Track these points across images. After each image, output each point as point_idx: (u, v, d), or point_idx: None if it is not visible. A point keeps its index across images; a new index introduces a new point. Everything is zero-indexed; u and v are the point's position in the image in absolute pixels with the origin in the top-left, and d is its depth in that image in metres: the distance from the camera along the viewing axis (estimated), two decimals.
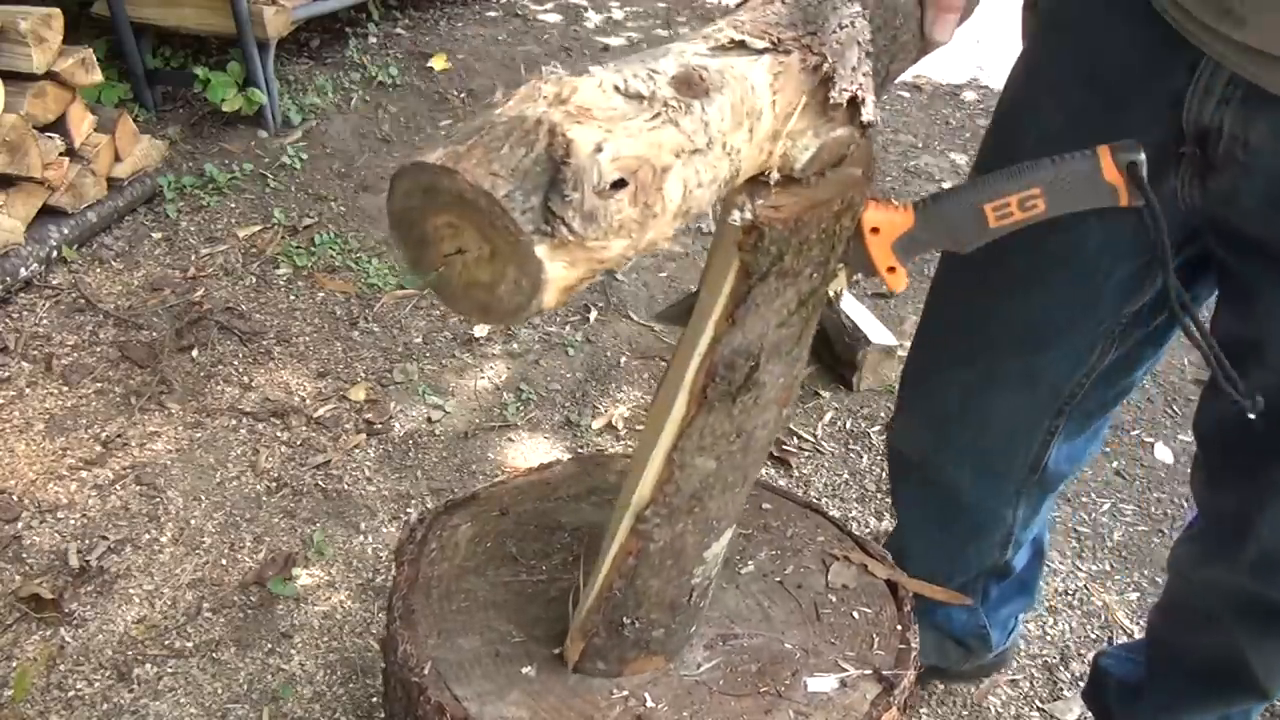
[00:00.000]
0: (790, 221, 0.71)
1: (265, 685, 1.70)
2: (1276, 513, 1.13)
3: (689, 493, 0.87)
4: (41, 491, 2.03)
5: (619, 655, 0.99)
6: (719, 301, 0.77)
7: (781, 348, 0.80)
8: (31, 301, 2.54)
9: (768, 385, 0.82)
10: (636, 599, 0.94)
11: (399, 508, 2.06)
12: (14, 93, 2.47)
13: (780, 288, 0.76)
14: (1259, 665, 1.29)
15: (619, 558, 0.92)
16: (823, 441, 2.31)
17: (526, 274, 0.51)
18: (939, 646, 1.67)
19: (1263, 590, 1.21)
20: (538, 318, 2.64)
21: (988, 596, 1.61)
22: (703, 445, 0.84)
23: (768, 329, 0.78)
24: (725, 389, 0.80)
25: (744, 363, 0.79)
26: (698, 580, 0.96)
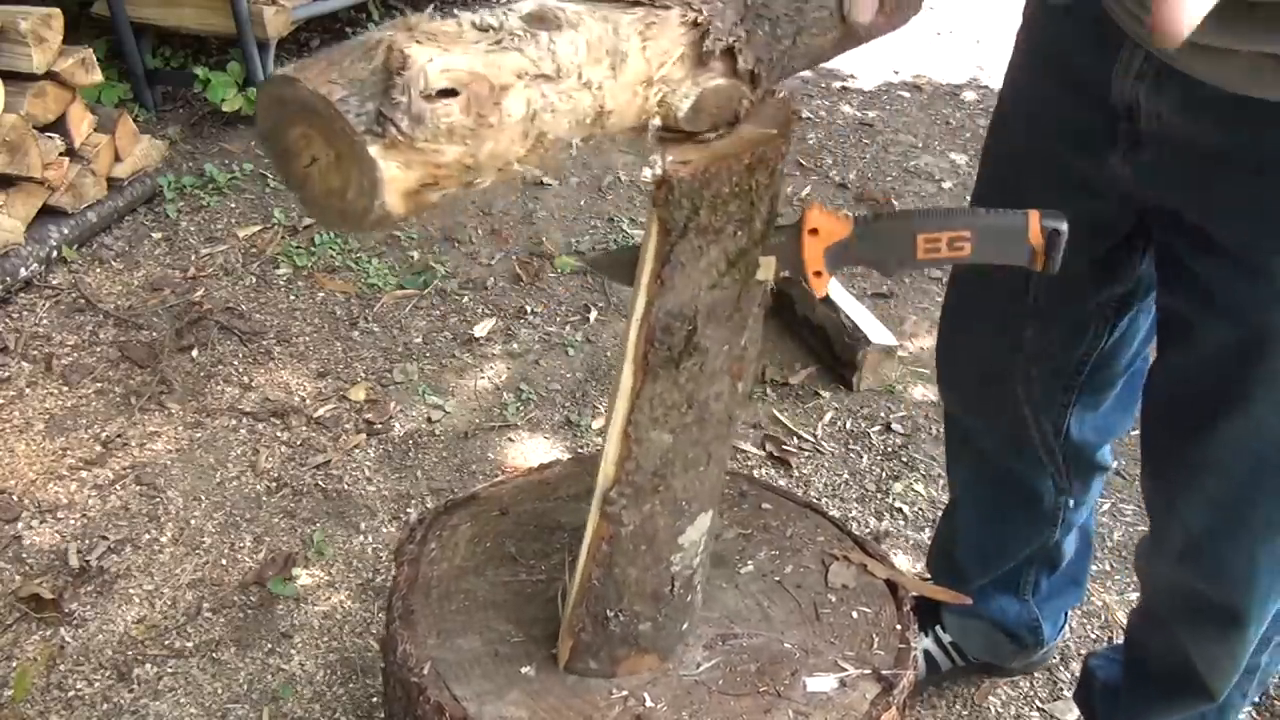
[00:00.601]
0: (698, 174, 0.74)
1: (265, 685, 1.70)
2: (1192, 495, 1.16)
3: (650, 470, 0.88)
4: (41, 491, 2.03)
5: (609, 653, 0.99)
6: (647, 263, 0.80)
7: (718, 311, 0.82)
8: (31, 301, 2.54)
9: (711, 352, 0.84)
10: (617, 590, 0.95)
11: (399, 508, 2.06)
12: (14, 93, 2.47)
13: (702, 245, 0.78)
14: (1201, 664, 1.32)
15: (593, 545, 0.93)
16: (823, 441, 2.31)
17: (366, 175, 0.55)
18: (990, 641, 1.68)
19: (1191, 581, 1.24)
20: (535, 318, 2.64)
21: (1038, 589, 1.62)
22: (655, 417, 0.86)
23: (699, 290, 0.80)
24: (666, 354, 0.82)
25: (680, 326, 0.81)
26: (678, 569, 0.96)
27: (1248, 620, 1.22)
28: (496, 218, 3.06)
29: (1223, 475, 1.12)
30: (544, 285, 2.78)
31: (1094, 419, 1.41)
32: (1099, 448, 1.46)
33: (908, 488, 2.20)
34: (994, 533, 1.57)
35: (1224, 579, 1.20)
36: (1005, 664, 1.75)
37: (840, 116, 3.93)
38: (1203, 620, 1.27)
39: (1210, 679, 1.32)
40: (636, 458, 0.87)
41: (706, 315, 0.82)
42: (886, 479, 2.22)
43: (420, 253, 2.85)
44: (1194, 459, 1.14)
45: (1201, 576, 1.22)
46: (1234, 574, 1.18)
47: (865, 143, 3.73)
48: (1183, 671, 1.34)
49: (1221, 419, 1.08)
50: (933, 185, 3.44)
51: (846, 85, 4.21)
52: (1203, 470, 1.14)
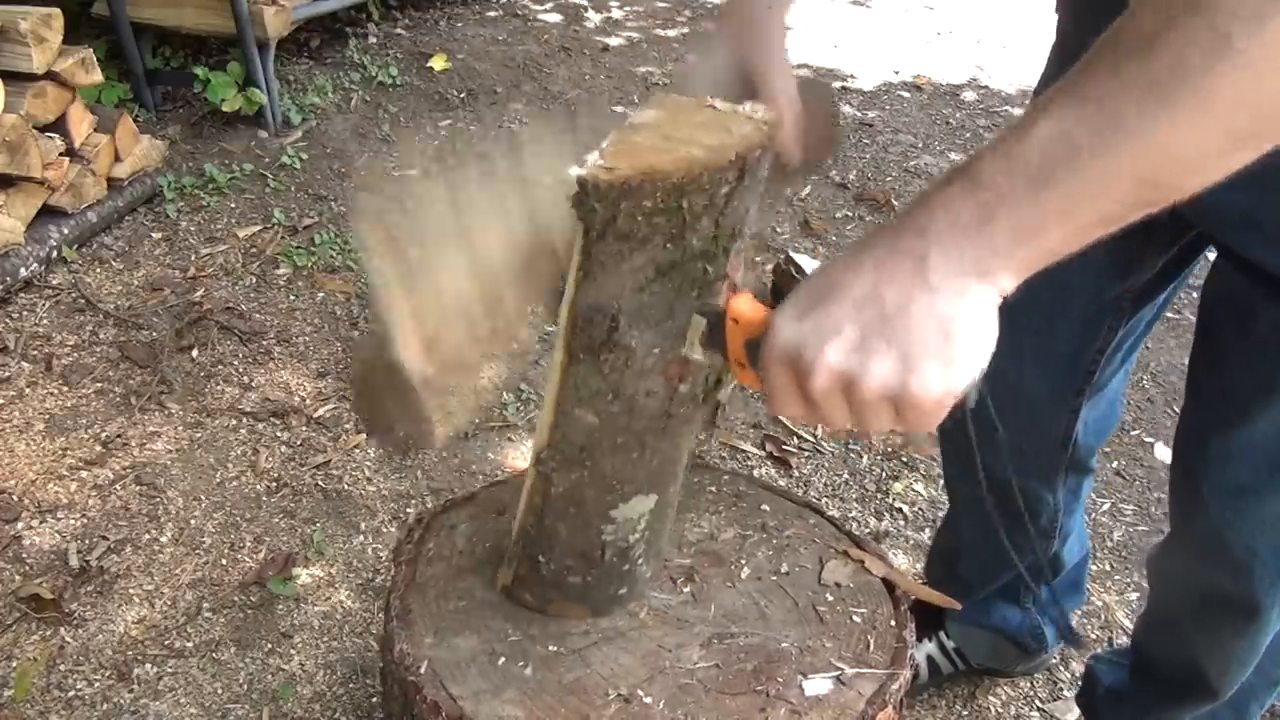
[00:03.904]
0: (617, 184, 0.73)
1: (265, 685, 1.71)
2: (1223, 482, 1.16)
3: (577, 444, 0.92)
4: (41, 491, 2.03)
5: (541, 592, 1.05)
6: (575, 256, 0.80)
7: (647, 315, 0.82)
8: (31, 301, 2.54)
9: (638, 351, 0.84)
10: (548, 540, 1.00)
11: (399, 508, 2.06)
12: (14, 93, 2.48)
13: (624, 250, 0.77)
14: (1210, 664, 1.32)
15: (529, 497, 0.99)
16: (823, 441, 2.31)
17: None
18: (994, 648, 1.68)
19: (1212, 575, 1.23)
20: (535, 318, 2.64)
21: (1039, 596, 1.63)
22: (580, 398, 0.88)
23: (622, 291, 0.80)
24: (587, 342, 0.84)
25: (601, 319, 0.82)
26: (610, 538, 0.99)
27: (1267, 614, 1.22)
28: None
29: (1258, 463, 1.12)
30: None
31: (1095, 419, 1.41)
32: (1094, 449, 1.46)
33: (908, 488, 2.20)
34: (995, 548, 1.56)
35: (1247, 570, 1.19)
36: (1009, 669, 1.75)
37: (840, 116, 3.93)
38: (1219, 615, 1.26)
39: (1216, 677, 1.32)
40: (563, 429, 0.91)
41: (632, 316, 0.81)
42: (886, 479, 2.22)
43: None
44: (1232, 444, 1.13)
45: (1222, 568, 1.21)
46: (1260, 561, 1.18)
47: (865, 143, 3.73)
48: (1190, 672, 1.34)
49: (1266, 404, 1.08)
50: None
51: (846, 85, 4.20)
52: (1240, 454, 1.13)
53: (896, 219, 0.68)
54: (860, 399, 0.68)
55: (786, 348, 0.71)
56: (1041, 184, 0.62)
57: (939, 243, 0.64)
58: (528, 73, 4.00)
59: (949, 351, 0.66)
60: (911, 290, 0.65)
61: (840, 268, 0.69)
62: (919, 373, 0.66)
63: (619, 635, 1.05)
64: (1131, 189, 0.62)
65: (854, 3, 5.27)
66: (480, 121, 3.60)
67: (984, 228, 0.63)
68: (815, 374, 0.69)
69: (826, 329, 0.68)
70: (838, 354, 0.68)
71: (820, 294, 0.69)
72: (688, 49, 4.15)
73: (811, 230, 3.13)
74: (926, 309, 0.65)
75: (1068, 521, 1.51)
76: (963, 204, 0.64)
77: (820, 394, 0.70)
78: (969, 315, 0.66)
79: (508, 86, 3.87)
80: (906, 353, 0.66)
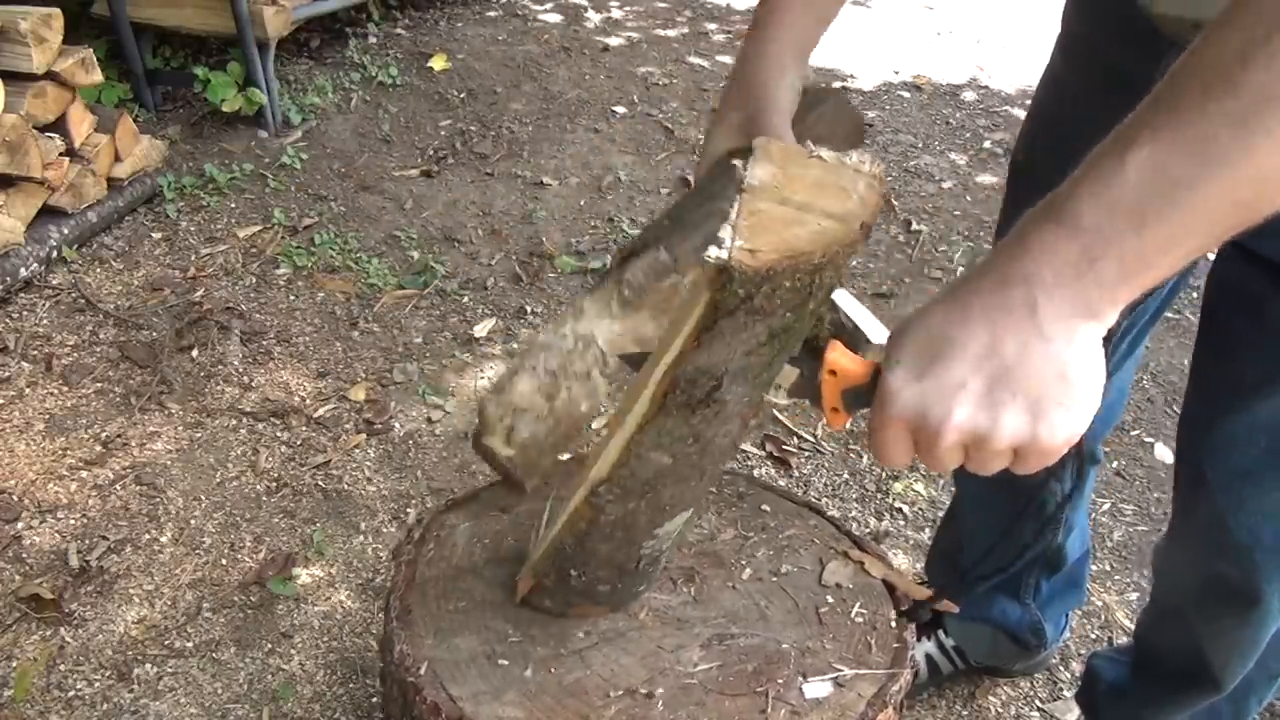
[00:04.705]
0: (764, 269, 0.70)
1: (265, 685, 1.71)
2: (1226, 466, 1.16)
3: (643, 479, 0.90)
4: (41, 491, 2.03)
5: (565, 599, 1.05)
6: (689, 323, 0.77)
7: (748, 373, 0.81)
8: (31, 301, 2.54)
9: (730, 403, 0.84)
10: (585, 557, 0.99)
11: (399, 508, 2.06)
12: (14, 93, 2.48)
13: (749, 323, 0.76)
14: (1213, 653, 1.32)
15: (573, 520, 0.96)
16: (823, 441, 2.31)
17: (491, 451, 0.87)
18: (992, 644, 1.68)
19: (1213, 563, 1.24)
20: (535, 318, 2.64)
21: (1039, 592, 1.63)
22: (659, 443, 0.87)
23: (733, 355, 0.79)
24: (685, 401, 0.82)
25: (706, 381, 0.81)
26: (647, 551, 0.99)
27: (1268, 603, 1.22)
28: (496, 218, 3.06)
29: (1261, 448, 1.12)
30: (544, 285, 2.78)
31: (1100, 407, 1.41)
32: (1099, 439, 1.47)
33: (908, 488, 2.20)
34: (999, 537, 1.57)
35: (1251, 554, 1.19)
36: (1008, 666, 1.75)
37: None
38: (1223, 604, 1.27)
39: (1221, 669, 1.32)
40: (632, 469, 0.89)
41: (734, 375, 0.81)
42: (886, 479, 2.22)
43: (420, 253, 2.85)
44: (1235, 430, 1.14)
45: (1225, 555, 1.21)
46: (1262, 547, 1.18)
47: (865, 142, 3.72)
48: (1194, 664, 1.34)
49: (1269, 390, 1.09)
50: (933, 185, 3.44)
51: (846, 85, 4.20)
52: (1243, 440, 1.14)
53: (993, 262, 0.68)
54: (990, 451, 0.70)
55: (909, 410, 0.71)
56: (1142, 222, 0.62)
57: (1046, 291, 0.65)
58: (528, 73, 3.99)
59: (1070, 395, 0.67)
60: (1028, 341, 0.66)
61: (947, 320, 0.69)
62: (1047, 421, 0.67)
63: (619, 636, 1.05)
64: (1230, 213, 0.62)
65: (854, 3, 5.27)
66: (480, 121, 3.59)
67: (1090, 271, 0.64)
68: (943, 434, 0.69)
69: (950, 388, 0.68)
70: (966, 412, 0.68)
71: (934, 351, 0.69)
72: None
73: None
74: (1044, 357, 0.66)
75: (1070, 514, 1.51)
76: (1067, 249, 0.64)
77: (945, 450, 0.71)
78: (1083, 357, 0.67)
79: (508, 86, 3.87)
80: (1034, 402, 0.67)
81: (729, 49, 4.48)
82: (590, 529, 0.95)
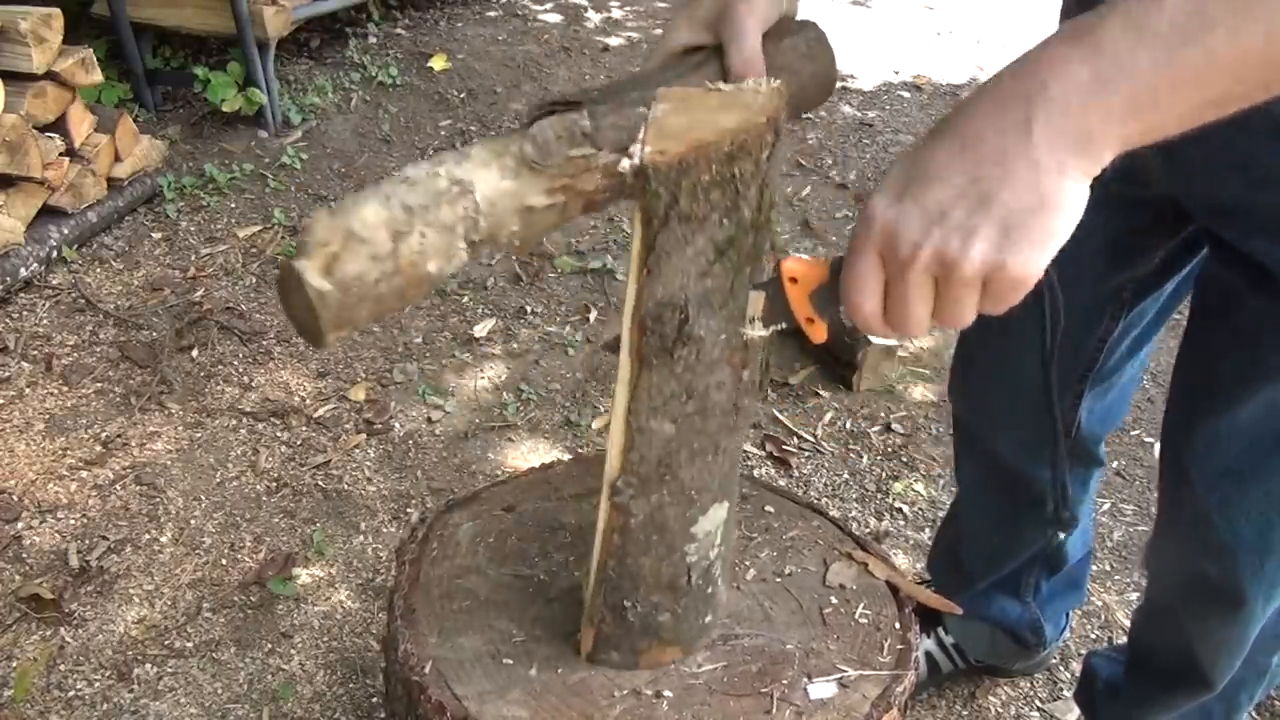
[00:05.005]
0: (675, 163, 0.74)
1: (265, 685, 1.70)
2: (1209, 465, 1.16)
3: (655, 460, 0.89)
4: (41, 491, 2.03)
5: (630, 644, 0.99)
6: (634, 253, 0.80)
7: (711, 300, 0.82)
8: (31, 301, 2.54)
9: (707, 341, 0.84)
10: (632, 580, 0.95)
11: (399, 508, 2.06)
12: (14, 93, 2.47)
13: (687, 234, 0.78)
14: (1203, 651, 1.32)
15: (606, 535, 0.94)
16: (823, 441, 2.31)
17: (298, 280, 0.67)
18: (992, 642, 1.68)
19: (1197, 561, 1.23)
20: (536, 318, 2.64)
21: (1038, 590, 1.63)
22: (654, 406, 0.86)
23: (688, 280, 0.80)
24: (659, 343, 0.83)
25: (671, 315, 0.82)
26: (694, 559, 0.96)
27: (1252, 603, 1.22)
28: None
29: (1245, 444, 1.12)
30: (544, 285, 2.78)
31: (1101, 408, 1.41)
32: (1101, 439, 1.47)
33: (908, 488, 2.20)
34: (1000, 534, 1.57)
35: (1232, 555, 1.19)
36: (1007, 666, 1.75)
37: (840, 116, 3.93)
38: (1208, 604, 1.27)
39: (1210, 668, 1.32)
40: (639, 448, 0.88)
41: (699, 304, 0.82)
42: (886, 479, 2.22)
43: None
44: (1217, 429, 1.14)
45: (1208, 555, 1.21)
46: (1244, 548, 1.18)
47: (865, 143, 3.73)
48: (1184, 662, 1.34)
49: (1252, 389, 1.08)
50: None
51: (846, 85, 4.20)
52: (1226, 439, 1.14)
53: (996, 81, 0.66)
54: (958, 278, 0.67)
55: (885, 228, 0.68)
56: (1168, 58, 0.59)
57: (1046, 111, 0.62)
58: (528, 73, 3.99)
59: (1045, 226, 0.65)
60: (1016, 165, 0.63)
61: (935, 144, 0.67)
62: (1018, 252, 0.65)
63: None
64: (1258, 71, 0.60)
65: (854, 3, 5.27)
66: (480, 121, 3.59)
67: (1101, 99, 0.61)
68: (915, 257, 0.67)
69: (929, 207, 0.66)
70: (940, 235, 0.66)
71: (919, 173, 0.67)
72: None
73: (811, 230, 3.13)
74: (1029, 185, 0.63)
75: (1075, 511, 1.51)
76: (1079, 70, 0.61)
77: (916, 276, 0.68)
78: (1066, 190, 0.64)
79: (508, 86, 3.87)
80: (1006, 230, 0.65)
81: None
82: (625, 540, 0.93)
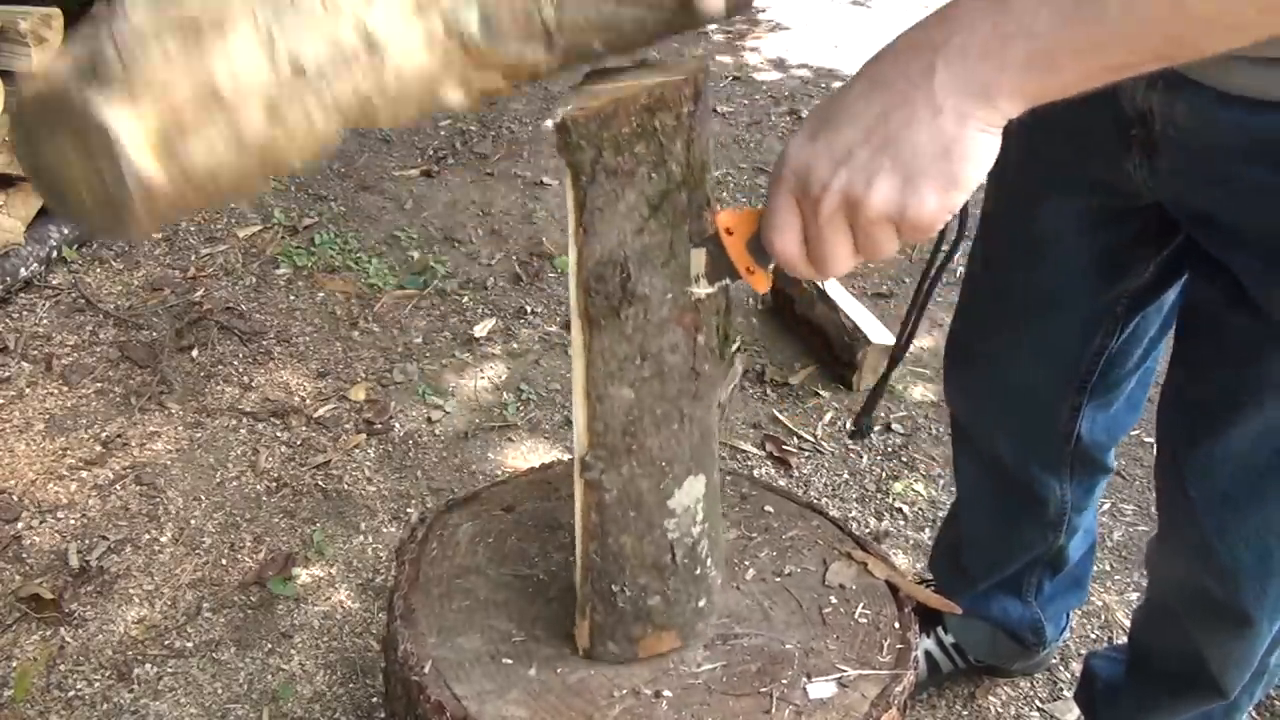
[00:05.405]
0: (595, 115, 0.76)
1: (265, 685, 1.70)
2: (1207, 489, 1.16)
3: (619, 429, 0.89)
4: (41, 491, 2.03)
5: (625, 633, 0.99)
6: (570, 214, 0.82)
7: (651, 258, 0.83)
8: (31, 301, 2.54)
9: (653, 300, 0.85)
10: (616, 561, 0.95)
11: (399, 508, 2.06)
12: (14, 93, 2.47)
13: (616, 190, 0.80)
14: (1214, 663, 1.31)
15: (584, 516, 0.94)
16: (823, 441, 2.31)
17: (105, 146, 0.48)
18: (992, 642, 1.68)
19: (1202, 580, 1.23)
20: (536, 318, 2.64)
21: (1041, 590, 1.62)
22: (610, 371, 0.87)
23: (625, 236, 0.82)
24: (605, 303, 0.84)
25: (613, 273, 0.83)
26: (675, 535, 0.96)
27: (1258, 624, 1.22)
28: (496, 218, 3.06)
29: (1239, 470, 1.12)
30: (544, 285, 2.78)
31: (1105, 419, 1.40)
32: (1108, 449, 1.46)
33: (908, 488, 2.20)
34: (1000, 537, 1.57)
35: (1234, 579, 1.19)
36: (1007, 665, 1.75)
37: None
38: (1215, 619, 1.26)
39: (1223, 677, 1.31)
40: (603, 417, 0.89)
41: (639, 261, 0.83)
42: (886, 479, 2.22)
43: (420, 253, 2.85)
44: (1212, 453, 1.13)
45: (1211, 575, 1.21)
46: (1246, 572, 1.18)
47: None
48: (1194, 668, 1.33)
49: (1242, 413, 1.08)
50: None
51: None
52: (1220, 464, 1.13)
53: (908, 32, 0.69)
54: (864, 218, 0.70)
55: (797, 168, 0.72)
56: (1068, 22, 0.62)
57: (946, 60, 0.65)
58: None
59: (948, 172, 0.67)
60: (918, 111, 0.66)
61: (849, 89, 0.71)
62: (918, 194, 0.68)
63: None
64: (1156, 43, 0.63)
65: (854, 3, 5.27)
66: (480, 121, 3.59)
67: (1000, 52, 0.64)
68: (825, 197, 0.71)
69: (837, 148, 0.70)
70: (845, 175, 0.69)
71: (831, 116, 0.71)
72: None
73: None
74: (930, 130, 0.66)
75: (1076, 518, 1.51)
76: (982, 24, 0.64)
77: (826, 216, 0.72)
78: (969, 138, 0.67)
79: None
80: (908, 173, 0.68)
81: (729, 49, 4.49)
82: (603, 518, 0.93)
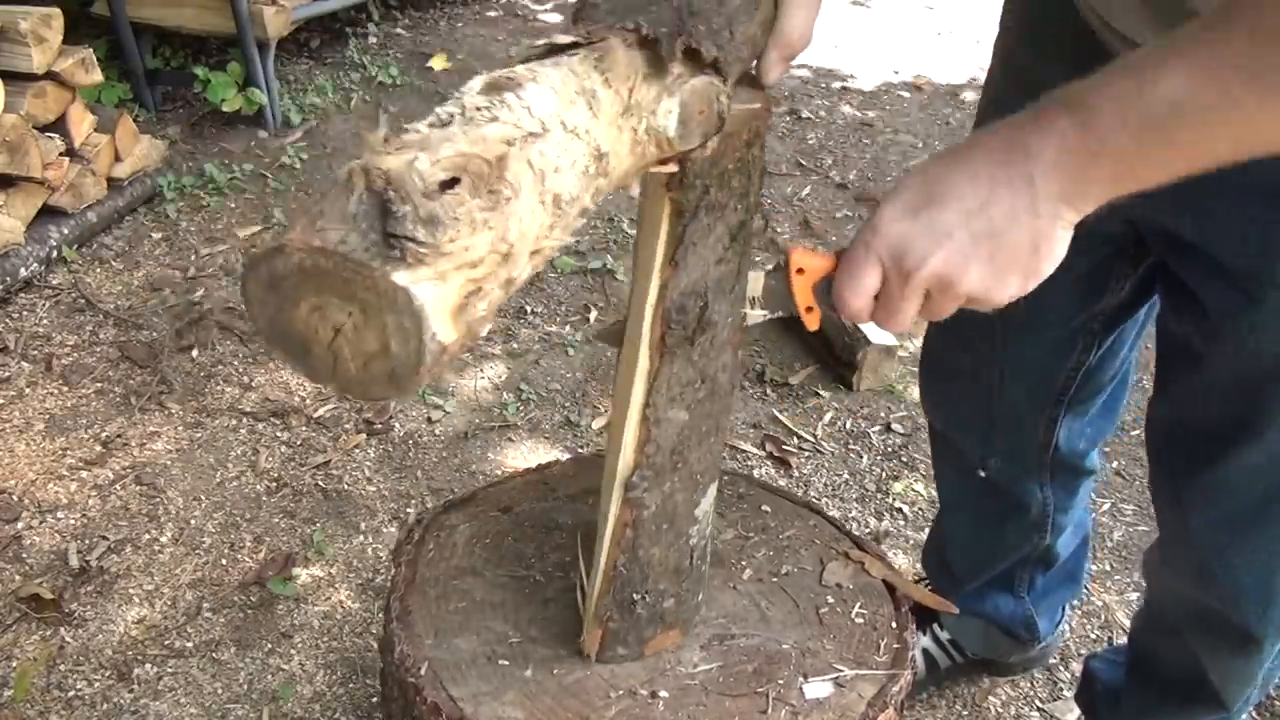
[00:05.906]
0: (709, 156, 0.78)
1: (265, 685, 1.71)
2: (1206, 516, 1.16)
3: (669, 449, 0.91)
4: (41, 491, 2.03)
5: (637, 635, 1.01)
6: (659, 248, 0.83)
7: (724, 285, 0.87)
8: (31, 301, 2.54)
9: (719, 325, 0.88)
10: (642, 572, 0.96)
11: (399, 508, 2.06)
12: (14, 93, 2.48)
13: (711, 223, 0.83)
14: (1216, 677, 1.31)
15: (616, 532, 0.94)
16: (823, 441, 2.31)
17: (403, 313, 0.47)
18: (985, 637, 1.68)
19: (1205, 599, 1.23)
20: (536, 318, 2.64)
21: (1033, 586, 1.62)
22: (672, 396, 0.88)
23: (708, 267, 0.84)
24: (682, 333, 0.86)
25: (694, 304, 0.85)
26: (695, 541, 0.98)
27: (1264, 642, 1.22)
28: None
29: (1237, 499, 1.12)
30: (544, 285, 2.78)
31: (1081, 427, 1.41)
32: (1087, 454, 1.46)
33: (908, 488, 2.20)
34: (984, 539, 1.57)
35: (1237, 601, 1.19)
36: (1003, 660, 1.75)
37: (840, 116, 3.93)
38: (1217, 636, 1.26)
39: (1225, 691, 1.31)
40: (656, 439, 0.90)
41: (715, 290, 0.86)
42: (886, 479, 2.22)
43: None
44: (1207, 483, 1.13)
45: (1215, 596, 1.21)
46: (1248, 596, 1.17)
47: (865, 143, 3.73)
48: (1195, 681, 1.33)
49: (1234, 445, 1.08)
50: None
51: (846, 85, 4.20)
52: (1217, 493, 1.13)
53: (1003, 128, 0.72)
54: (950, 297, 0.75)
55: (894, 242, 0.75)
56: (1150, 141, 0.66)
57: (1044, 173, 0.70)
58: None
59: (1033, 265, 0.73)
60: (1019, 212, 0.71)
61: (949, 170, 0.74)
62: (1003, 280, 0.74)
63: None
64: (1228, 152, 0.67)
65: (854, 3, 5.27)
66: None
67: (1089, 168, 0.69)
68: (918, 272, 0.74)
69: (939, 232, 0.73)
70: (944, 258, 0.73)
71: (931, 196, 0.74)
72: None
73: (811, 230, 3.13)
74: (1029, 230, 0.71)
75: (1061, 518, 1.50)
76: (1075, 141, 0.68)
77: (913, 289, 0.75)
78: (1057, 238, 0.72)
79: None
80: (1002, 266, 0.73)
81: None
82: (637, 534, 0.93)
